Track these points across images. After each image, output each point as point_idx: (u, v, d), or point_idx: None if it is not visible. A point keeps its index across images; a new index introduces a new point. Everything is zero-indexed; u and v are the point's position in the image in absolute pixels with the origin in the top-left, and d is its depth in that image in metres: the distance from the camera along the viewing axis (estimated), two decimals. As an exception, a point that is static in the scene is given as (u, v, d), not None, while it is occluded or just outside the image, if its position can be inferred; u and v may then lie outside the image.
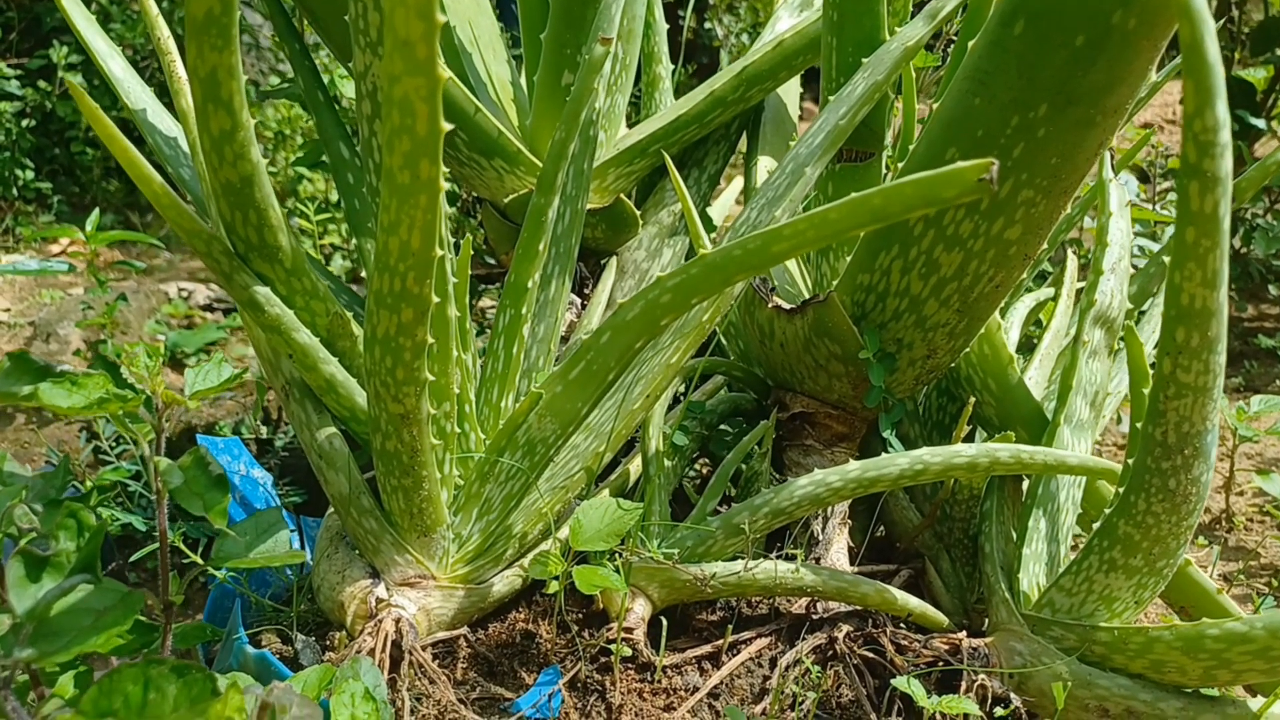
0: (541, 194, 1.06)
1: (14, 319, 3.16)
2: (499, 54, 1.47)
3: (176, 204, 0.86)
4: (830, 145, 1.03)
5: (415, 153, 0.67)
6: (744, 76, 1.35)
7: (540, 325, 1.14)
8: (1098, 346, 1.13)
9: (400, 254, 0.75)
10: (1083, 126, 0.90)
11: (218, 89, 0.77)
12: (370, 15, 0.95)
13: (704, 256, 0.86)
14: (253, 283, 0.91)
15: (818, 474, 1.01)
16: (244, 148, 0.82)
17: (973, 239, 0.98)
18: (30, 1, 4.11)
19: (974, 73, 0.92)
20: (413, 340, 0.82)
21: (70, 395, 0.73)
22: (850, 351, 1.07)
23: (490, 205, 1.39)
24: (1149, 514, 0.90)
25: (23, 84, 3.74)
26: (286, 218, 0.91)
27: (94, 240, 2.43)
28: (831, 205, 0.77)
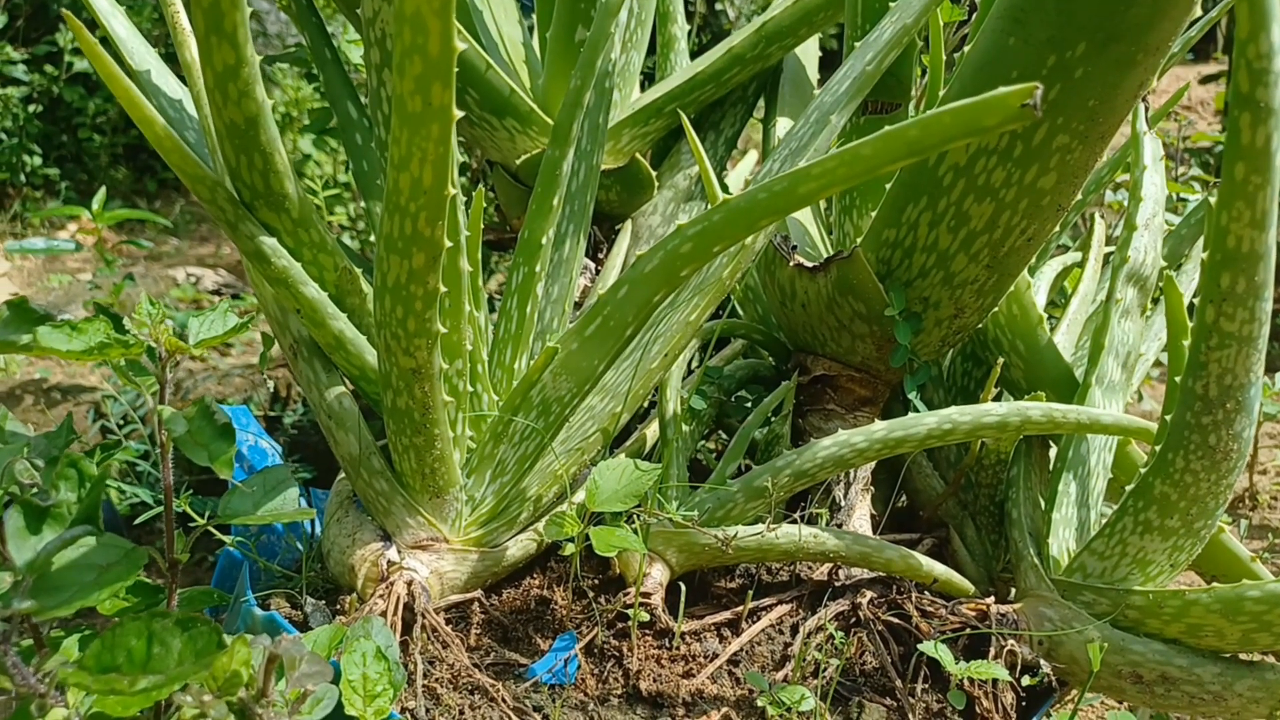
0: (556, 146, 1.03)
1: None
2: (510, 14, 1.44)
3: (179, 148, 0.83)
4: (857, 93, 1.00)
5: (427, 75, 0.63)
6: (763, 33, 1.31)
7: (554, 285, 1.11)
8: (1130, 305, 1.09)
9: (411, 192, 0.72)
10: (1123, 66, 0.86)
11: (221, 19, 0.74)
12: (379, -41, 0.91)
13: (727, 201, 0.82)
14: (259, 232, 0.88)
15: (841, 435, 0.97)
16: (248, 85, 0.79)
17: (1005, 188, 0.94)
18: (41, -9, 4.08)
19: (1009, 10, 0.88)
20: (424, 288, 0.79)
21: (70, 340, 0.71)
22: (875, 310, 1.04)
23: (501, 169, 1.35)
24: (1187, 472, 0.87)
25: (29, 69, 3.71)
26: (294, 163, 0.88)
27: (101, 219, 2.41)
28: (864, 140, 0.73)
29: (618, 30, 1.06)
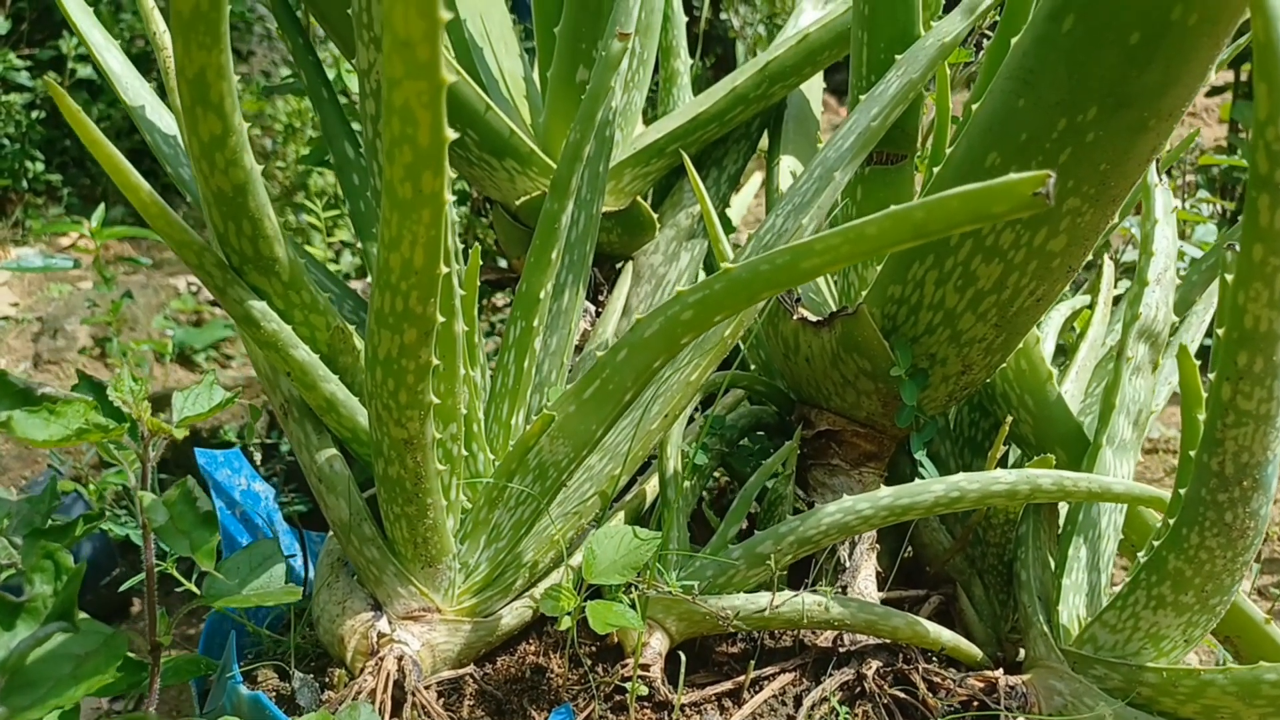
0: (555, 199, 1.01)
1: (22, 314, 3.13)
2: (511, 48, 1.42)
3: (165, 213, 0.81)
4: (861, 149, 0.97)
5: (418, 164, 0.61)
6: (766, 73, 1.29)
7: (553, 337, 1.09)
8: (1142, 362, 1.07)
9: (402, 272, 0.70)
10: (1135, 131, 0.84)
11: (206, 91, 0.71)
12: (374, 9, 0.89)
13: (728, 271, 0.80)
14: (248, 297, 0.86)
15: (846, 501, 0.95)
16: (236, 154, 0.76)
17: (1013, 250, 0.92)
18: (46, -8, 4.06)
19: (1018, 71, 0.86)
20: (416, 362, 0.77)
21: (47, 425, 0.68)
22: (880, 368, 1.01)
23: (501, 207, 1.33)
24: (1202, 548, 0.84)
25: (33, 75, 3.69)
26: (284, 227, 0.86)
27: (100, 236, 2.39)
28: (869, 219, 0.71)
29: (618, 78, 1.04)
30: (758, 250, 0.99)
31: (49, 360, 2.94)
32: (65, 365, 2.88)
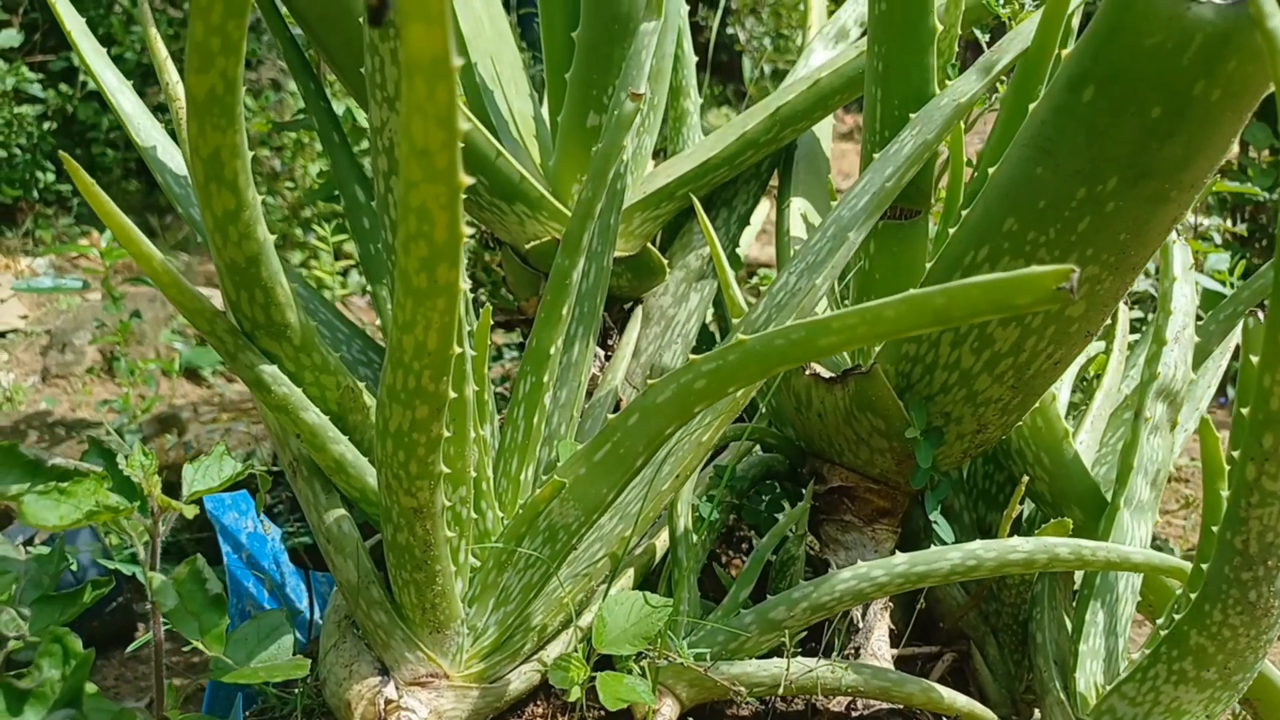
0: (566, 255, 1.00)
1: (31, 326, 3.13)
2: (521, 88, 1.41)
3: (177, 282, 0.80)
4: (875, 209, 0.96)
5: (433, 259, 0.60)
6: (777, 117, 1.28)
7: (563, 389, 1.08)
8: (1160, 422, 1.05)
9: (415, 353, 0.69)
10: (1156, 202, 0.83)
11: (221, 169, 0.71)
12: (387, 70, 0.88)
13: (742, 343, 0.79)
14: (259, 361, 0.85)
15: (861, 568, 0.94)
16: (249, 227, 0.76)
17: (1031, 315, 0.91)
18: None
19: (1036, 139, 0.85)
20: (428, 436, 0.76)
21: (58, 506, 0.68)
22: (895, 428, 1.01)
23: (511, 249, 1.32)
24: (1225, 626, 0.83)
25: (45, 86, 3.69)
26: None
27: (110, 256, 2.39)
28: (888, 302, 0.70)
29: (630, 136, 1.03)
30: (770, 309, 0.98)
31: (57, 375, 2.94)
32: (73, 380, 2.88)
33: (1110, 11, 0.77)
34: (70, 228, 3.91)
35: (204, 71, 0.64)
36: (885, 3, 0.98)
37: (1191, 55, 0.74)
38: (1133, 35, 0.76)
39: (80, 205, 3.85)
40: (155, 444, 2.27)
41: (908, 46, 0.98)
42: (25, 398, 2.72)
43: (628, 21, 1.19)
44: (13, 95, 3.56)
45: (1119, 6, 0.76)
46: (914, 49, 0.98)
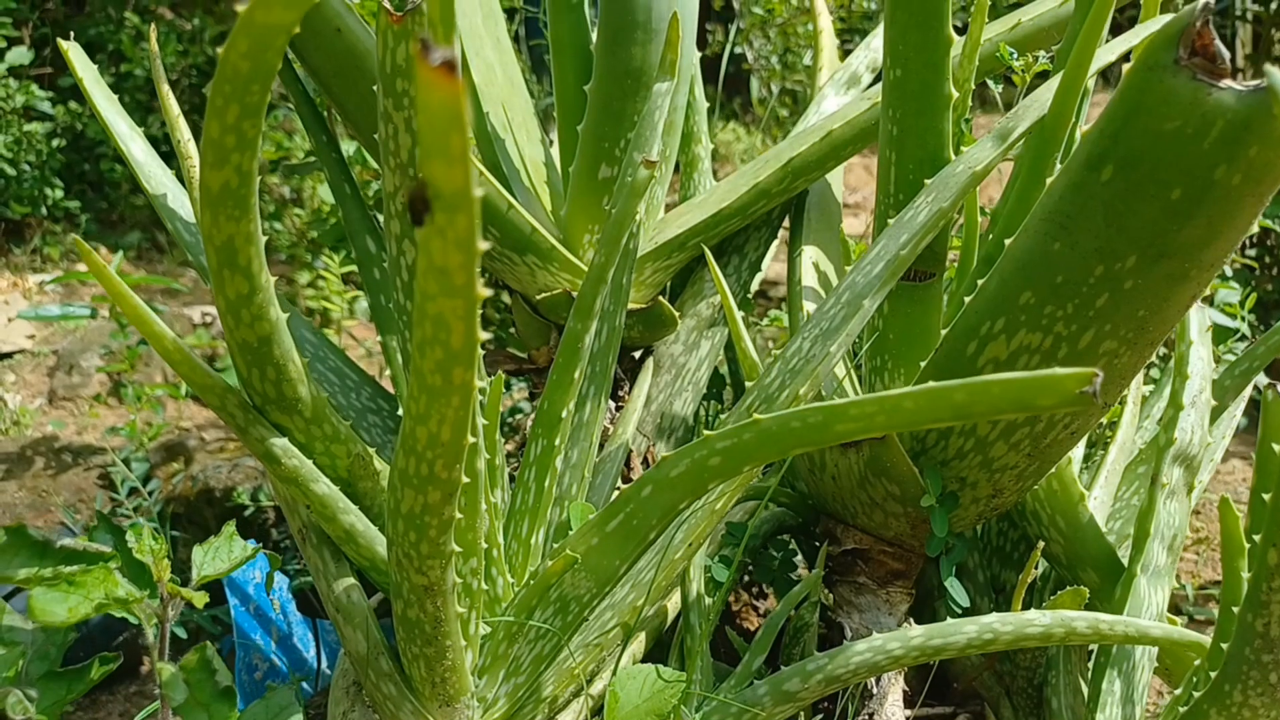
0: (579, 318, 0.99)
1: (38, 346, 3.13)
2: (532, 134, 1.40)
3: (189, 360, 0.80)
4: (890, 276, 0.95)
5: (448, 362, 0.60)
6: (790, 168, 1.28)
7: (574, 450, 1.07)
8: (1176, 486, 1.04)
9: (429, 443, 0.68)
10: (1175, 280, 0.82)
11: (235, 256, 0.70)
12: (401, 138, 0.88)
13: (758, 422, 0.78)
14: (269, 435, 0.85)
15: (876, 639, 0.93)
16: (262, 309, 0.75)
17: (1047, 386, 0.90)
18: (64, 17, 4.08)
19: (1054, 215, 0.84)
20: (439, 518, 0.75)
21: (67, 599, 0.67)
22: (910, 494, 1.00)
23: (521, 298, 1.32)
24: (1245, 707, 0.82)
25: (54, 102, 3.69)
26: (308, 368, 0.85)
27: (117, 285, 2.38)
28: (907, 393, 0.69)
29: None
30: (784, 374, 0.97)
31: (64, 397, 2.94)
32: (80, 402, 2.88)
33: (1129, 94, 0.76)
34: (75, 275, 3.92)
35: (219, 167, 0.63)
36: (900, 69, 0.97)
37: (1212, 140, 0.73)
38: (1152, 118, 0.75)
39: (89, 222, 3.86)
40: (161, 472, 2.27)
41: (923, 112, 0.98)
42: (32, 420, 2.72)
43: (640, 76, 1.19)
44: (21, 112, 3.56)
45: (1138, 89, 0.76)
46: (929, 114, 0.98)
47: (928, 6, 0.93)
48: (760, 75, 4.14)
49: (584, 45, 1.24)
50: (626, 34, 1.17)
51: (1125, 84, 0.77)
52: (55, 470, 2.43)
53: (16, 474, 2.38)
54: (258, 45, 0.55)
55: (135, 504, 2.03)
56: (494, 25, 1.33)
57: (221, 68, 0.58)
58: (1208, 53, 0.73)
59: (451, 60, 0.38)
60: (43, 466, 2.44)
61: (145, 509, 1.98)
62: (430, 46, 0.39)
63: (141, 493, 2.00)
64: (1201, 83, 0.72)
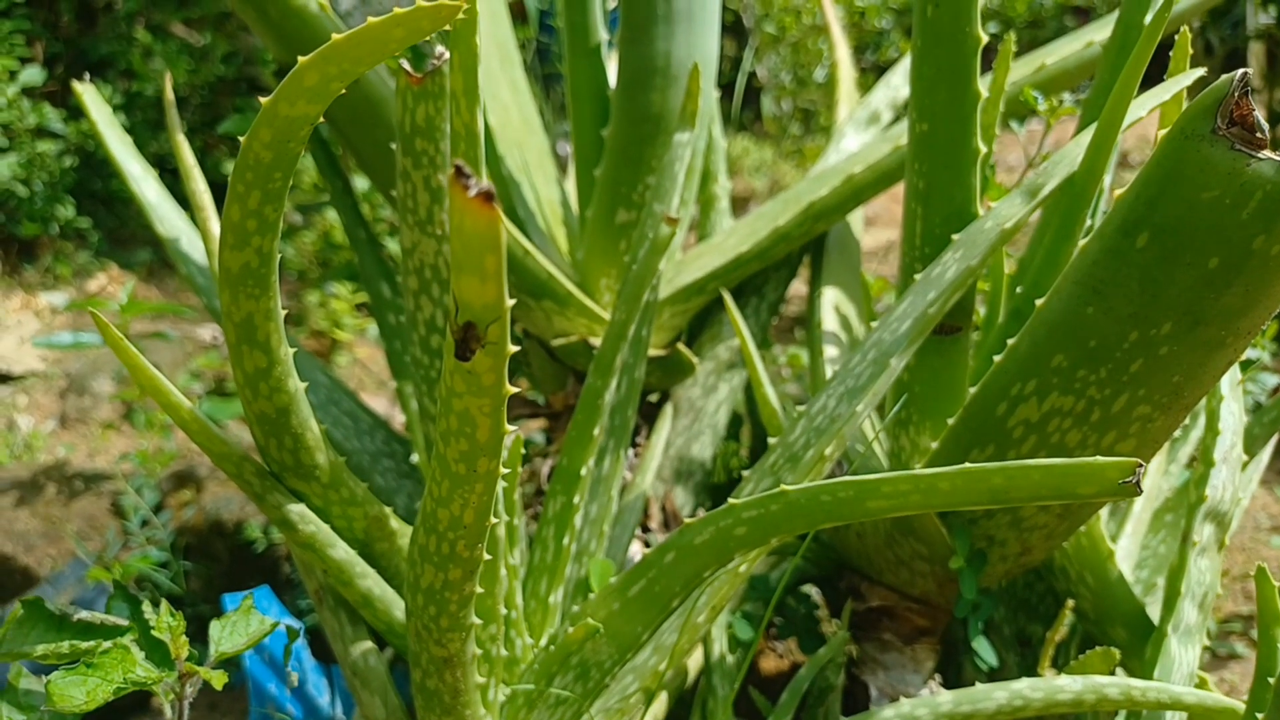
0: (598, 375, 0.98)
1: (50, 368, 3.13)
2: (548, 174, 1.39)
3: (205, 429, 0.79)
4: (917, 335, 0.94)
5: (473, 453, 0.58)
6: (810, 212, 1.26)
7: (593, 504, 1.06)
8: (1207, 544, 1.02)
9: (450, 525, 0.67)
10: (1211, 347, 0.80)
11: (253, 332, 0.69)
12: (419, 195, 0.87)
13: (786, 495, 0.77)
14: (285, 501, 0.83)
15: (904, 705, 0.91)
16: (280, 381, 0.74)
17: (1080, 449, 0.88)
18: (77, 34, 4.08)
19: (1087, 279, 0.82)
20: (460, 594, 0.74)
21: (85, 683, 0.66)
22: (938, 553, 0.98)
23: (537, 341, 1.31)
24: (1282, 784, 0.80)
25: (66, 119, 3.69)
26: (326, 434, 0.83)
27: (129, 312, 2.38)
28: (943, 473, 0.68)
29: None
30: (809, 432, 0.95)
31: (75, 419, 2.94)
32: (91, 425, 2.87)
33: (1165, 161, 0.75)
34: (89, 264, 3.91)
35: (239, 249, 0.62)
36: (927, 123, 0.95)
37: (1251, 211, 0.71)
38: (1190, 188, 0.73)
39: (100, 240, 3.86)
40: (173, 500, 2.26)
41: (950, 166, 0.96)
42: (44, 444, 2.72)
43: (659, 121, 1.17)
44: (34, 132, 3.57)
45: (1175, 157, 0.74)
46: (956, 169, 0.96)
47: (955, 63, 0.91)
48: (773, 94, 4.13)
49: (601, 90, 1.22)
50: (645, 80, 1.16)
51: (1162, 151, 0.75)
52: (67, 497, 2.42)
53: (29, 501, 2.37)
54: (281, 136, 0.54)
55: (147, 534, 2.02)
56: (510, 67, 1.32)
57: (244, 156, 0.56)
58: (1246, 123, 0.71)
59: (489, 191, 0.37)
60: (54, 493, 2.43)
61: (157, 539, 1.97)
62: (465, 174, 0.37)
63: (153, 522, 1.99)
64: (1240, 153, 0.71)
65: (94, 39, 4.03)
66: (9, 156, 3.56)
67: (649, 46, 1.13)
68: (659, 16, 1.12)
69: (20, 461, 2.61)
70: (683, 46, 1.14)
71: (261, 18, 1.10)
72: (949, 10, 0.89)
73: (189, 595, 1.84)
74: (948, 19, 0.89)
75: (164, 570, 1.80)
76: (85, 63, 4.05)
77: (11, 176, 3.66)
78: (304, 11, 1.09)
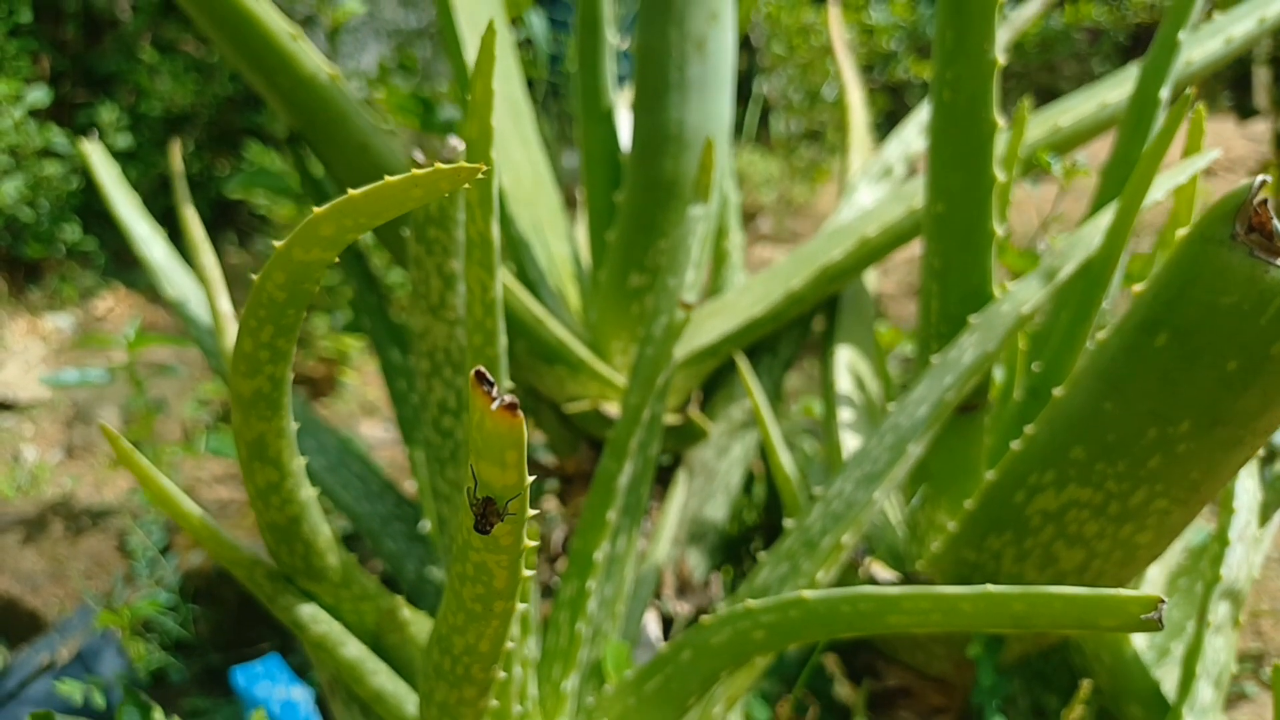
0: (613, 458, 0.97)
1: (56, 396, 3.13)
2: (559, 231, 1.38)
3: (216, 536, 0.78)
4: (934, 420, 0.93)
5: (489, 597, 0.57)
6: (825, 275, 1.25)
7: (607, 585, 1.05)
8: (1222, 622, 1.01)
9: (465, 650, 0.66)
10: (1230, 446, 0.79)
11: (265, 450, 0.68)
12: (432, 282, 0.87)
13: (806, 602, 0.76)
14: (297, 603, 0.83)
15: (919, 799, 0.90)
16: (291, 493, 0.73)
17: (1099, 540, 0.88)
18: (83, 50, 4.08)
19: (1106, 374, 0.81)
20: (474, 710, 0.73)
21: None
22: (956, 638, 0.97)
23: (550, 405, 1.30)
24: None
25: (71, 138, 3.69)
26: (338, 535, 0.82)
27: (137, 345, 2.38)
28: (965, 594, 0.67)
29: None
30: (825, 518, 0.94)
31: (82, 449, 2.93)
32: (98, 456, 2.87)
33: (1184, 263, 0.74)
34: (95, 285, 3.91)
35: (251, 376, 0.61)
36: (944, 204, 0.95)
37: (1269, 317, 0.71)
38: (1208, 292, 0.72)
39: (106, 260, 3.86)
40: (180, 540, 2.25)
41: (967, 247, 0.95)
42: (49, 475, 2.71)
43: (672, 187, 1.17)
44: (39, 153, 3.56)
45: (1193, 261, 0.73)
46: (973, 250, 0.95)
47: (971, 148, 0.90)
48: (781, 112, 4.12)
49: (613, 154, 1.22)
50: (659, 146, 1.15)
51: (1180, 253, 0.74)
52: (74, 535, 2.41)
53: (35, 539, 2.36)
54: (294, 278, 0.53)
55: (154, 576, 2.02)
56: (522, 124, 1.31)
57: (257, 294, 0.56)
58: (1264, 229, 0.70)
59: (513, 404, 0.36)
60: (61, 531, 2.42)
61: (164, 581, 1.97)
62: (488, 382, 0.36)
63: (160, 563, 1.99)
64: (1259, 260, 0.70)
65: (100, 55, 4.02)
66: (15, 179, 3.56)
67: (663, 114, 1.13)
68: (672, 85, 1.12)
69: (27, 496, 2.60)
70: (696, 114, 1.13)
71: (271, 86, 1.09)
72: (966, 97, 0.88)
73: (198, 641, 1.83)
74: (964, 105, 0.89)
75: (172, 613, 1.80)
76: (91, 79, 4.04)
77: (18, 199, 3.66)
78: (314, 81, 1.08)
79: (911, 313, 2.80)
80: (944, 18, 0.87)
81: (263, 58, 1.06)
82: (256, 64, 1.07)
